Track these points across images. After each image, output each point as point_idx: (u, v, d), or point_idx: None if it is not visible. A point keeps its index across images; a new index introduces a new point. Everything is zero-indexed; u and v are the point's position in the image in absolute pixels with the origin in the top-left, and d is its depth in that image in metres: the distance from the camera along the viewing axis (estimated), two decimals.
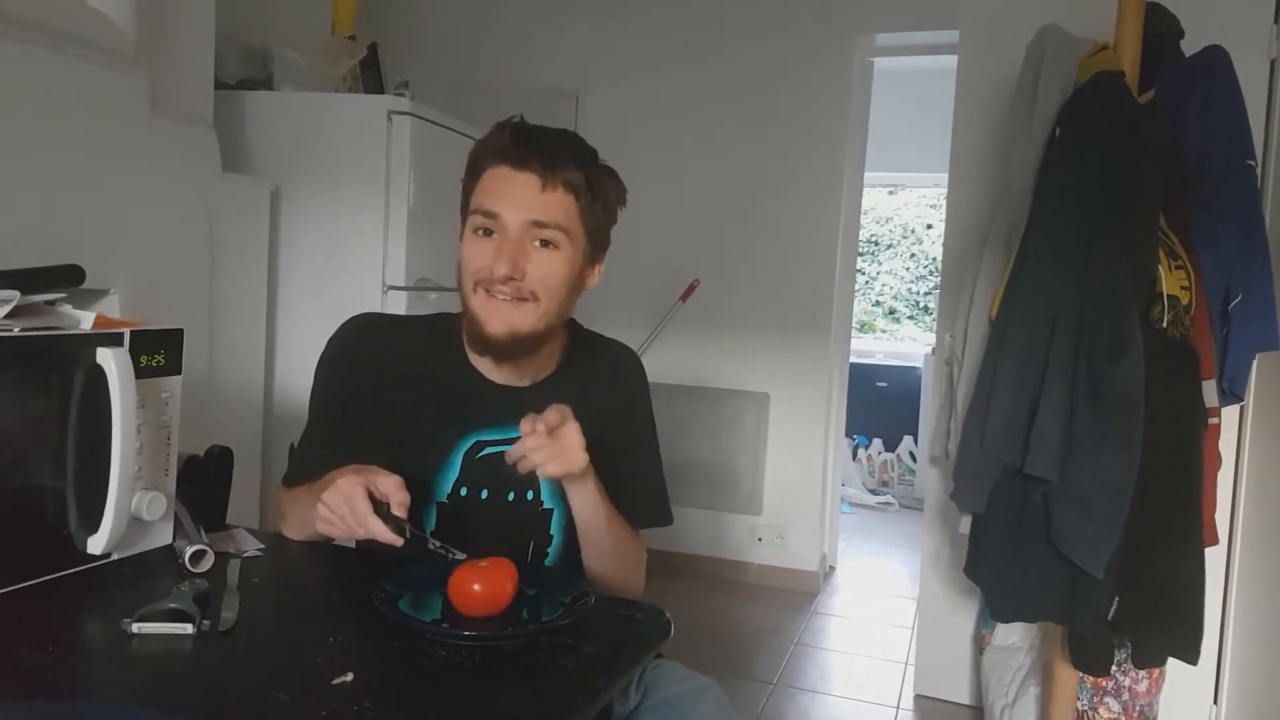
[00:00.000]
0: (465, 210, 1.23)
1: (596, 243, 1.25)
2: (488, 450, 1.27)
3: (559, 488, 1.28)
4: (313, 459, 1.28)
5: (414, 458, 1.25)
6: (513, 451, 1.13)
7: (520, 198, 1.16)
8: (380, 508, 1.08)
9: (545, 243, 1.18)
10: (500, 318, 1.18)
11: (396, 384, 1.28)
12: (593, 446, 1.30)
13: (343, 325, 1.34)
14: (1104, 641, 2.00)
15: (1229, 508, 2.34)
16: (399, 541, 1.07)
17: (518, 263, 1.16)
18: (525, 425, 1.12)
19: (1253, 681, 2.28)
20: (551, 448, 1.12)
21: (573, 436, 1.14)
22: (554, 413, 1.13)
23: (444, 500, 1.27)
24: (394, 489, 1.10)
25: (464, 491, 1.27)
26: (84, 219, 1.74)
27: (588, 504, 1.22)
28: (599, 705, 0.91)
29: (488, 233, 1.19)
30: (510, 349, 1.21)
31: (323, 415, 1.33)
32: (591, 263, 1.26)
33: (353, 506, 1.08)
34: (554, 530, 1.30)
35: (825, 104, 3.61)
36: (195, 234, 2.11)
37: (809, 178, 3.65)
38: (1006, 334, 1.94)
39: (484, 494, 1.27)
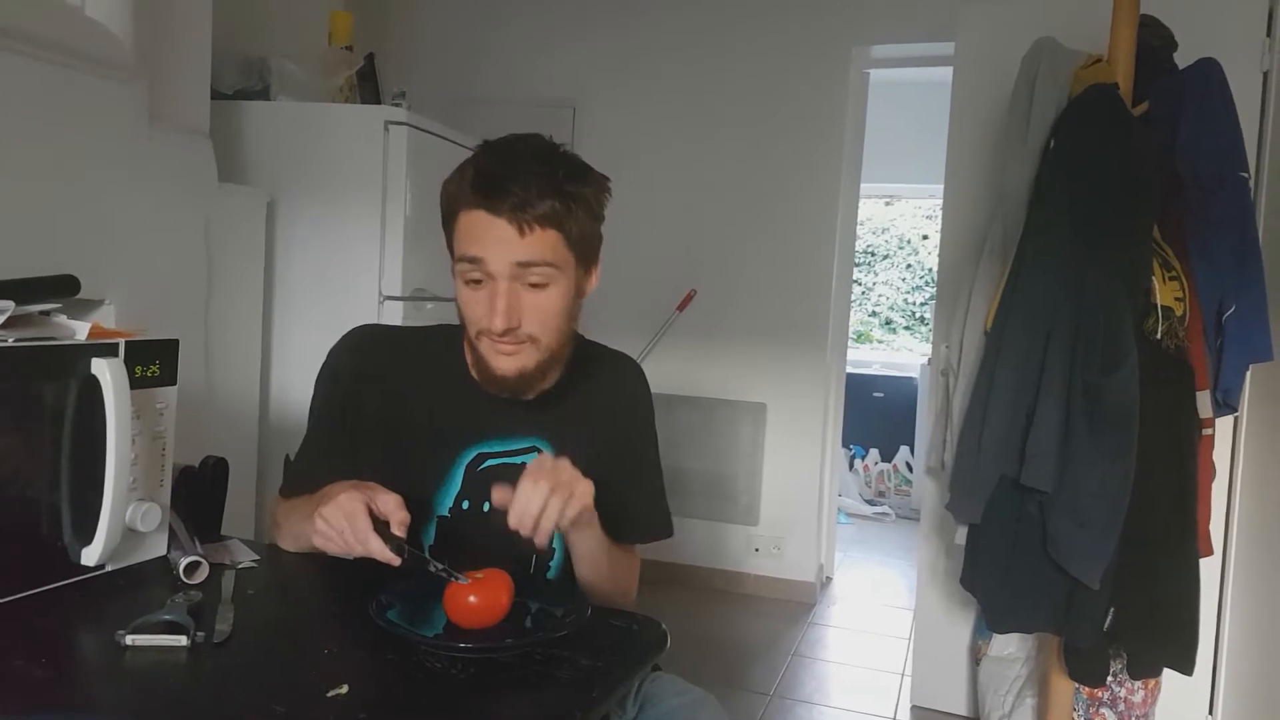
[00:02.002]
0: (451, 251, 1.20)
1: (587, 253, 1.21)
2: (490, 463, 1.26)
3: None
4: (312, 470, 1.28)
5: (416, 471, 1.25)
6: (517, 518, 1.05)
7: (500, 245, 1.13)
8: (379, 525, 1.08)
9: (535, 283, 1.15)
10: (508, 361, 1.18)
11: (398, 396, 1.28)
12: (596, 459, 1.30)
13: (344, 336, 1.34)
14: (1099, 652, 2.00)
15: (1224, 518, 2.34)
16: (396, 561, 1.06)
17: (512, 312, 1.14)
18: (500, 495, 1.07)
19: (1248, 691, 2.27)
20: (560, 486, 1.06)
21: (569, 469, 1.09)
22: (536, 466, 1.08)
23: (445, 514, 1.26)
24: (394, 508, 1.09)
25: (466, 505, 1.26)
26: (79, 229, 1.74)
27: (593, 543, 1.20)
28: (596, 717, 0.91)
29: (477, 281, 1.16)
30: (521, 386, 1.21)
31: (323, 426, 1.32)
32: (587, 271, 1.23)
33: (353, 523, 1.07)
34: (556, 543, 1.29)
35: (821, 115, 3.63)
36: (191, 244, 2.11)
37: (805, 188, 3.66)
38: (1002, 345, 1.95)
39: (486, 506, 1.26)
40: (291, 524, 1.26)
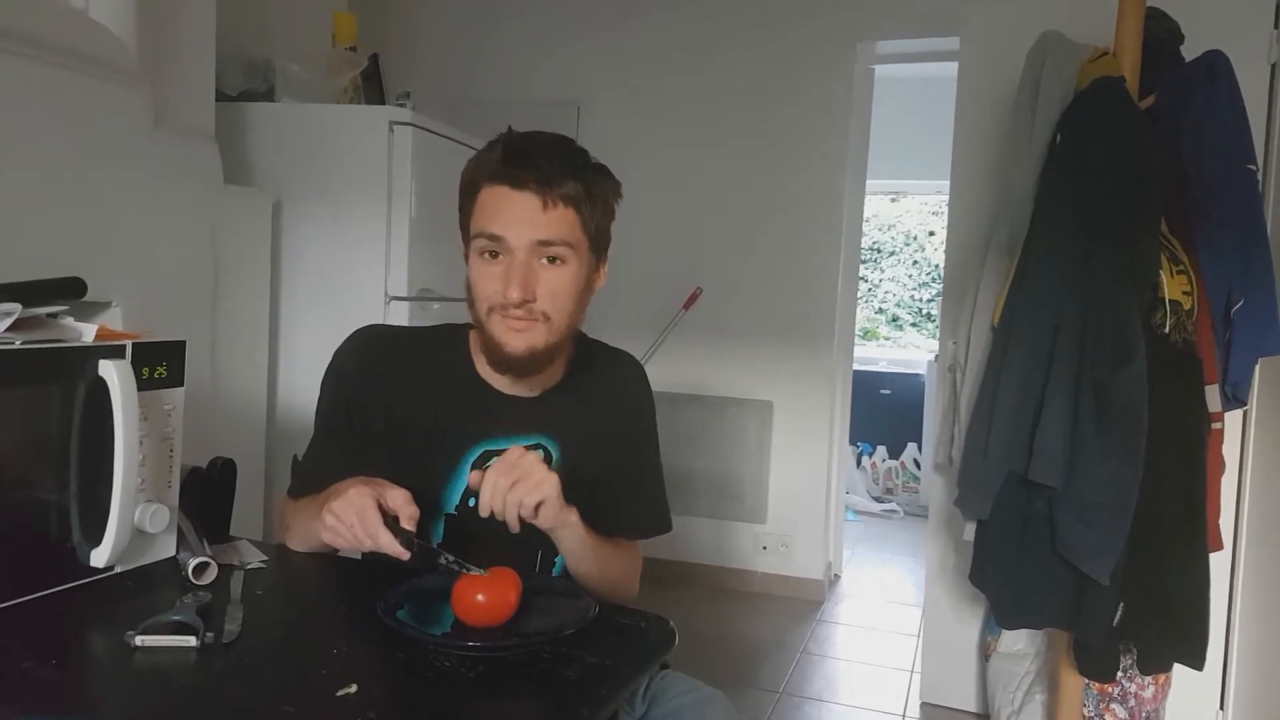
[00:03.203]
0: (466, 231, 1.23)
1: (600, 245, 1.25)
2: (495, 461, 1.27)
3: (567, 496, 1.28)
4: (319, 471, 1.28)
5: (422, 469, 1.25)
6: (484, 507, 1.09)
7: (522, 219, 1.16)
8: (388, 520, 1.08)
9: (552, 258, 1.18)
10: (519, 338, 1.19)
11: (404, 395, 1.28)
12: (599, 456, 1.30)
13: (350, 337, 1.34)
14: (1109, 648, 2.00)
15: (1233, 512, 2.34)
16: (406, 555, 1.07)
17: (528, 285, 1.16)
18: (473, 477, 1.11)
19: (1259, 686, 2.27)
20: (522, 479, 1.09)
21: (535, 462, 1.11)
22: (502, 459, 1.12)
23: (452, 512, 1.27)
24: (403, 503, 1.10)
25: (472, 502, 1.26)
26: (86, 231, 1.74)
27: (575, 541, 1.20)
28: (604, 715, 0.91)
29: (494, 255, 1.18)
30: (530, 366, 1.22)
31: (329, 426, 1.33)
32: (597, 265, 1.26)
33: (363, 518, 1.07)
34: None
35: (826, 111, 3.62)
36: (197, 246, 2.12)
37: (811, 185, 3.65)
38: (1009, 341, 1.94)
39: None
40: (300, 523, 1.26)
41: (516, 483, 1.09)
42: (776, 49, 3.65)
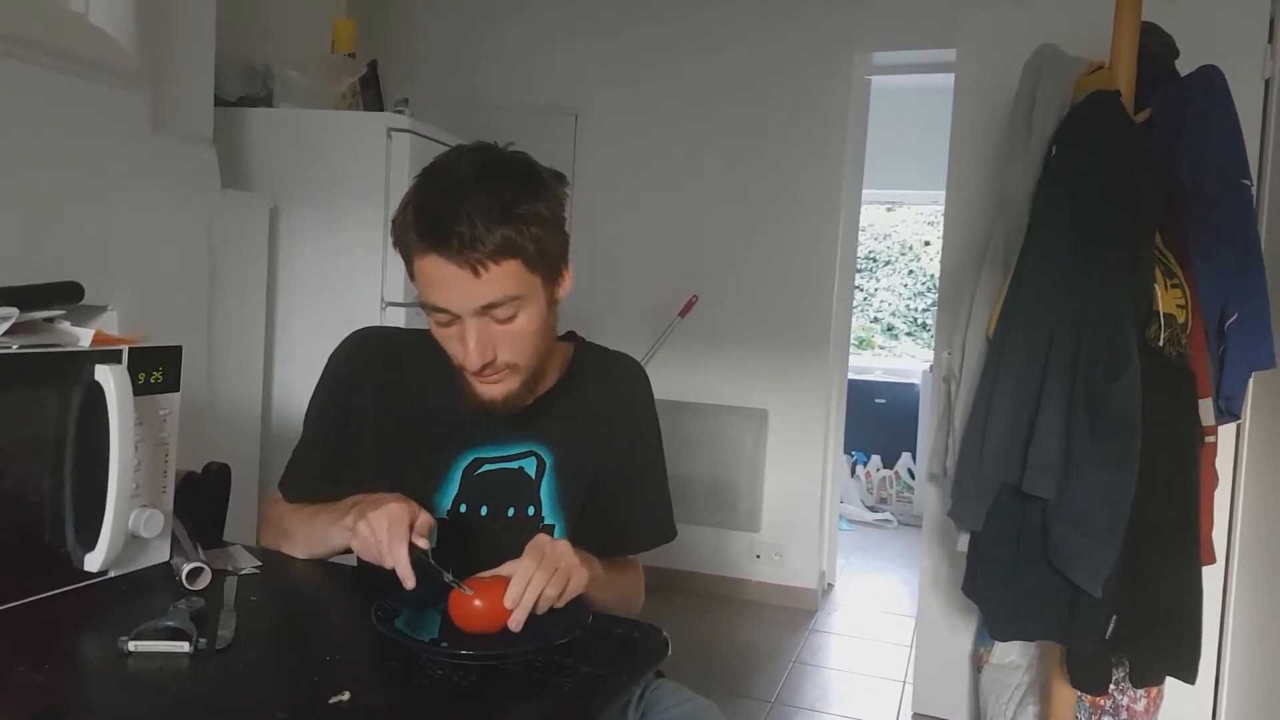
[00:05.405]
0: (415, 284, 1.17)
1: (552, 266, 1.16)
2: (486, 468, 1.27)
3: (561, 504, 1.28)
4: (311, 474, 1.28)
5: (413, 474, 1.25)
6: (512, 600, 1.00)
7: (459, 291, 1.10)
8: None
9: (503, 317, 1.13)
10: (492, 389, 1.18)
11: (397, 399, 1.28)
12: (597, 462, 1.30)
13: (346, 339, 1.34)
14: (1102, 660, 2.00)
15: (1226, 526, 2.34)
16: (411, 583, 1.05)
17: (485, 349, 1.13)
18: (508, 570, 1.03)
19: (1251, 700, 2.27)
20: (557, 575, 1.03)
21: (568, 554, 1.06)
22: (536, 548, 1.05)
23: (444, 517, 1.26)
24: (422, 524, 1.09)
25: (464, 508, 1.26)
26: (83, 235, 1.74)
27: (592, 586, 1.14)
28: None
29: (446, 323, 1.14)
30: (510, 407, 1.20)
31: (320, 429, 1.32)
32: (556, 281, 1.18)
33: (392, 533, 1.06)
34: None
35: (823, 121, 3.63)
36: (194, 251, 2.11)
37: (807, 194, 3.66)
38: (1004, 351, 1.95)
39: (484, 510, 1.27)
40: (308, 529, 1.25)
41: (550, 581, 1.02)
42: (774, 58, 3.67)
